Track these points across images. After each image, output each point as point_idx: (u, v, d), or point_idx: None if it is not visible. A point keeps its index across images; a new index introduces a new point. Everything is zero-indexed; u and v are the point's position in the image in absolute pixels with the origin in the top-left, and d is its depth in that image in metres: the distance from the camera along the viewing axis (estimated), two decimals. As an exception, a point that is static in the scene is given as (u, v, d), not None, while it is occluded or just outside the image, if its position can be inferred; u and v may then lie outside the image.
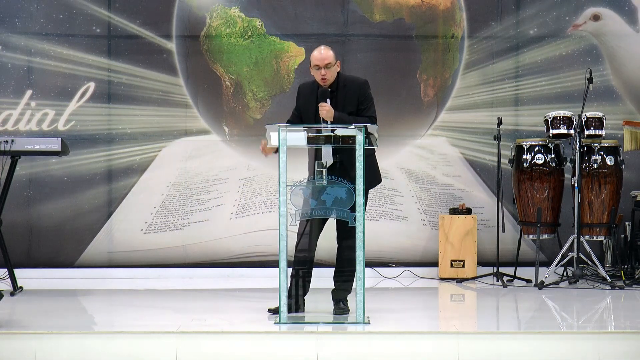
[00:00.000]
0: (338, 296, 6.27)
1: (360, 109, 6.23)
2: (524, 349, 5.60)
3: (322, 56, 6.22)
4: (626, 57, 8.60)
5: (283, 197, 5.94)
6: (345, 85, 6.27)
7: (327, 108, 6.12)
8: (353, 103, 6.23)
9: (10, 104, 8.43)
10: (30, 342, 5.59)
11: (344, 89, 6.26)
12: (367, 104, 6.26)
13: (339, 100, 6.22)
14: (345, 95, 6.24)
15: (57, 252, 8.41)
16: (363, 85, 6.29)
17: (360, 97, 6.25)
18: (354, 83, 6.30)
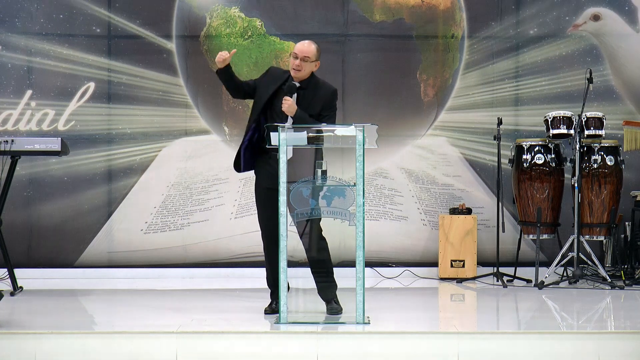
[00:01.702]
0: (326, 296, 6.26)
1: (322, 115, 6.22)
2: (524, 349, 5.60)
3: (304, 48, 6.26)
4: (626, 57, 8.60)
5: (283, 197, 5.94)
6: (315, 87, 6.27)
7: (289, 103, 6.15)
8: (316, 107, 6.22)
9: (10, 104, 8.43)
10: (30, 342, 5.59)
11: (313, 90, 6.26)
12: (329, 112, 6.25)
13: (304, 99, 6.23)
14: (312, 97, 6.24)
15: (57, 252, 8.41)
16: (332, 94, 6.29)
17: (325, 103, 6.24)
18: (324, 89, 6.29)
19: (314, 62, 6.29)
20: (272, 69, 6.50)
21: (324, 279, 6.29)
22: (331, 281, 6.29)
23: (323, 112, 6.23)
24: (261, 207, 6.35)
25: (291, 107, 6.15)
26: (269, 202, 6.21)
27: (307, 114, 6.18)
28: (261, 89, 6.36)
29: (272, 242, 6.20)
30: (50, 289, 7.73)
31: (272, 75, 6.41)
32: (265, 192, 6.30)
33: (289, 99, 6.16)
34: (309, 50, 6.27)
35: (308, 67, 6.27)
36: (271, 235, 6.23)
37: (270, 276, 6.39)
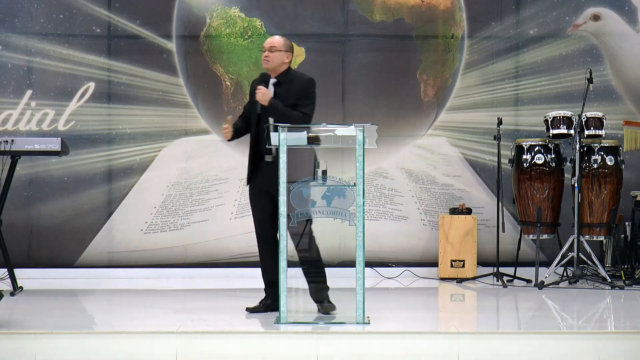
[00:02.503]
0: (318, 297, 6.27)
1: (298, 104, 6.23)
2: (524, 349, 5.60)
3: (271, 39, 6.33)
4: (626, 57, 8.60)
5: (283, 197, 5.94)
6: (292, 80, 6.29)
7: (262, 91, 6.18)
8: (293, 97, 6.24)
9: (10, 104, 8.43)
10: (30, 342, 5.59)
11: (289, 83, 6.28)
12: (305, 101, 6.26)
13: (281, 92, 6.25)
14: (288, 88, 6.26)
15: (57, 252, 8.41)
16: (307, 82, 6.32)
17: (301, 92, 6.25)
18: (299, 79, 6.32)
19: (283, 52, 6.28)
20: (253, 83, 6.47)
21: (316, 279, 6.28)
22: (323, 282, 6.29)
23: (298, 100, 6.24)
24: (252, 208, 6.38)
25: (265, 94, 6.18)
26: (259, 203, 6.27)
27: (284, 104, 6.19)
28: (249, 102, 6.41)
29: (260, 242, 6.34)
30: (50, 289, 7.73)
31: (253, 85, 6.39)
32: (256, 193, 6.31)
33: (262, 88, 6.20)
34: (274, 40, 6.32)
35: (277, 57, 6.27)
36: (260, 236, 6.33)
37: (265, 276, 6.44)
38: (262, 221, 6.32)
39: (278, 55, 6.28)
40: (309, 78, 6.35)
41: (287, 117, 6.15)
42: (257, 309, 6.37)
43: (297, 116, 6.18)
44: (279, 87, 6.29)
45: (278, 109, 6.17)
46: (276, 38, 6.35)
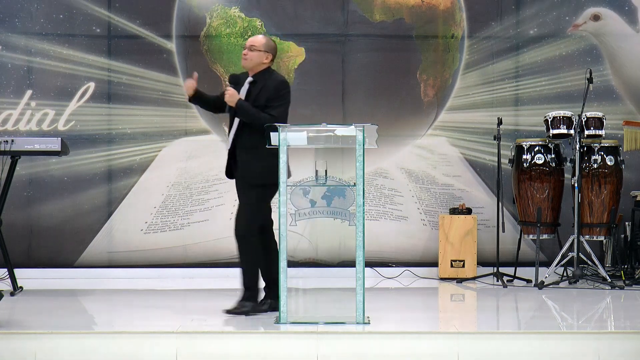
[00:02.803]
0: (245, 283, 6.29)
1: (268, 105, 6.20)
2: (524, 349, 5.60)
3: (252, 38, 6.34)
4: (626, 57, 8.60)
5: (283, 197, 5.94)
6: (266, 80, 6.26)
7: (230, 92, 6.19)
8: (263, 98, 6.21)
9: (10, 104, 8.43)
10: (30, 342, 5.59)
11: (262, 83, 6.25)
12: (275, 103, 6.21)
13: (252, 92, 6.24)
14: (261, 88, 6.24)
15: (57, 252, 8.41)
16: (279, 84, 6.26)
17: (272, 94, 6.21)
18: (273, 80, 6.28)
19: (263, 52, 6.27)
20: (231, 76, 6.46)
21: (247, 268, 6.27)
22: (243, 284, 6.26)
23: (268, 102, 6.20)
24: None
25: (232, 96, 6.18)
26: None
27: (256, 105, 6.18)
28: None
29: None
30: (50, 289, 7.73)
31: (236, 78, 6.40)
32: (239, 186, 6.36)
33: (230, 89, 6.21)
34: (256, 39, 6.32)
35: (256, 56, 6.26)
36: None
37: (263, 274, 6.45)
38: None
39: (257, 55, 6.27)
40: (281, 80, 6.31)
41: (254, 118, 6.15)
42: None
43: (264, 118, 6.13)
44: (254, 85, 6.27)
45: (245, 110, 6.16)
46: (258, 37, 6.34)
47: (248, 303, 6.25)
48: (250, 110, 6.18)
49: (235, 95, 6.20)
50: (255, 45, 6.28)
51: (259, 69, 6.31)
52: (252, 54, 6.27)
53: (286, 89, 6.30)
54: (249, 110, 6.18)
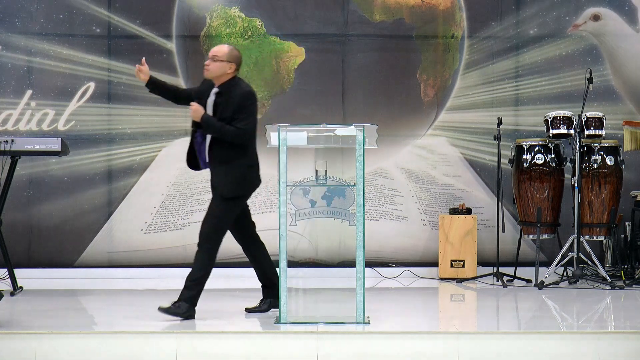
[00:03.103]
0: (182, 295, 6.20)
1: (234, 118, 6.10)
2: (524, 349, 5.60)
3: (216, 48, 6.22)
4: (626, 57, 8.60)
5: (283, 197, 5.94)
6: (232, 91, 6.15)
7: (194, 108, 6.11)
8: (229, 110, 6.11)
9: (10, 104, 8.43)
10: (30, 342, 5.59)
11: (229, 94, 6.15)
12: (241, 115, 6.10)
13: (222, 102, 6.15)
14: (227, 100, 6.14)
15: (57, 252, 8.41)
16: (244, 96, 6.15)
17: (237, 106, 6.10)
18: (238, 91, 6.15)
19: (225, 62, 6.15)
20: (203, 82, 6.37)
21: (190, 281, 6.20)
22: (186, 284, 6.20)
23: (235, 114, 6.10)
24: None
25: (196, 111, 6.10)
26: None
27: (223, 117, 6.09)
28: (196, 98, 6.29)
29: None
30: (50, 289, 7.73)
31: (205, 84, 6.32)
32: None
33: (193, 104, 6.11)
34: (218, 49, 6.20)
35: (218, 67, 6.15)
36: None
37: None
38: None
39: (219, 66, 6.15)
40: (246, 91, 6.18)
41: (220, 133, 6.08)
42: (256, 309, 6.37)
43: (231, 132, 6.07)
44: (220, 96, 6.17)
45: (211, 125, 6.09)
46: (221, 47, 6.21)
47: (184, 304, 6.14)
48: (215, 124, 6.08)
49: (200, 110, 6.10)
50: (218, 55, 6.16)
51: (224, 80, 6.19)
52: (214, 64, 6.15)
53: (251, 100, 6.18)
54: (215, 124, 6.09)
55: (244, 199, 6.30)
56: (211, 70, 6.18)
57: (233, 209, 6.25)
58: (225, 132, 6.08)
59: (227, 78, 6.20)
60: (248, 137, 6.15)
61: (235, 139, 6.10)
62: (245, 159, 6.18)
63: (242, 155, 6.16)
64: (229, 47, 6.24)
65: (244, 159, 6.17)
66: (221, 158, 6.16)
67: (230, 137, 6.09)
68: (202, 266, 6.20)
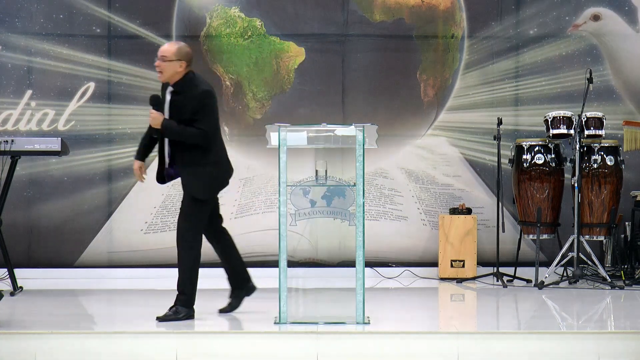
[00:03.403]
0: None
1: (194, 119, 5.98)
2: (524, 349, 5.60)
3: (162, 47, 6.09)
4: (626, 57, 8.60)
5: (283, 197, 5.94)
6: (189, 90, 6.02)
7: (153, 115, 6.00)
8: (188, 111, 5.99)
9: (10, 104, 8.43)
10: (30, 342, 5.59)
11: (185, 93, 6.03)
12: (201, 115, 5.98)
13: (176, 104, 6.04)
14: (183, 100, 6.02)
15: (57, 252, 8.41)
16: (202, 95, 6.01)
17: (196, 106, 5.98)
18: (195, 90, 6.02)
19: (175, 61, 6.00)
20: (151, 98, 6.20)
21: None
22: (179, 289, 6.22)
23: (194, 115, 5.98)
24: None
25: (155, 119, 5.99)
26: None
27: (182, 118, 5.98)
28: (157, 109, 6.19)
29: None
30: (50, 289, 7.73)
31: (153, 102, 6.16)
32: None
33: (152, 112, 6.01)
34: (165, 49, 6.05)
35: (169, 67, 6.01)
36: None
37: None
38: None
39: (170, 65, 6.01)
40: (203, 90, 6.04)
41: (183, 136, 5.99)
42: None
43: (194, 133, 5.98)
44: (175, 95, 6.05)
45: (171, 130, 5.99)
46: (166, 47, 6.06)
47: (182, 308, 6.14)
48: (176, 128, 5.98)
49: (159, 117, 5.99)
50: (167, 55, 6.01)
51: (177, 78, 6.04)
52: (164, 65, 6.01)
53: (210, 99, 6.06)
54: (175, 129, 5.98)
55: (215, 199, 6.28)
56: (163, 71, 6.03)
57: (205, 207, 6.20)
58: (187, 135, 5.98)
59: (180, 76, 6.04)
60: (210, 137, 6.04)
61: (198, 140, 5.99)
62: (212, 158, 6.09)
63: (208, 154, 6.07)
64: (175, 45, 6.08)
65: (210, 158, 6.09)
66: (187, 160, 6.07)
67: (193, 139, 5.99)
68: (187, 268, 6.18)
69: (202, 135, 6.00)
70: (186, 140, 6.01)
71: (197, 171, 6.07)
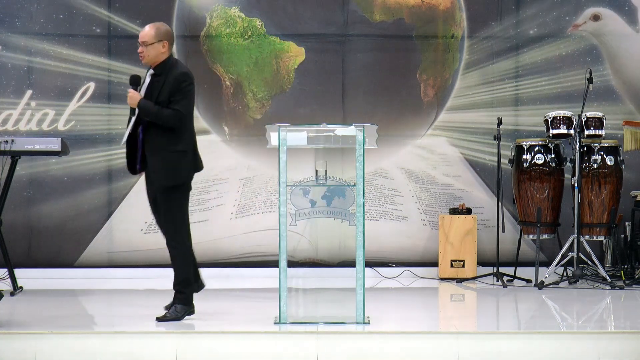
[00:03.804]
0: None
1: (171, 100, 6.05)
2: (524, 349, 5.60)
3: (141, 33, 6.13)
4: (626, 57, 8.60)
5: (283, 197, 5.94)
6: (169, 72, 6.09)
7: (130, 94, 6.07)
8: (165, 92, 6.06)
9: (10, 104, 8.43)
10: (30, 342, 5.59)
11: (166, 75, 6.09)
12: (178, 97, 6.05)
13: (156, 86, 6.10)
14: (163, 82, 6.08)
15: (57, 252, 8.41)
16: (179, 77, 6.07)
17: (173, 88, 6.05)
18: (174, 72, 6.10)
19: (157, 43, 6.08)
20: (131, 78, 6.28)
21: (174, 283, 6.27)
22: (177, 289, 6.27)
23: (172, 96, 6.05)
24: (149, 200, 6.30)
25: (132, 97, 6.06)
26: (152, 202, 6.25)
27: (160, 100, 6.04)
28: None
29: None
30: (50, 289, 7.73)
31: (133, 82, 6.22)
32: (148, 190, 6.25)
33: (130, 91, 6.08)
34: (145, 33, 6.11)
35: (152, 50, 6.09)
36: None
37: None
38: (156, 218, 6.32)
39: (152, 48, 6.08)
40: (182, 72, 6.12)
41: (158, 117, 6.02)
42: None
43: (168, 114, 6.02)
44: (155, 77, 6.12)
45: (147, 110, 6.02)
46: (147, 30, 6.11)
47: (180, 306, 6.17)
48: (152, 109, 6.02)
49: (136, 97, 6.05)
50: (147, 40, 6.08)
51: (160, 60, 6.11)
52: (147, 49, 6.09)
53: (187, 81, 6.11)
54: (151, 109, 6.02)
55: (185, 187, 6.20)
56: (147, 55, 6.10)
57: (181, 198, 6.18)
58: (162, 116, 6.01)
59: (163, 58, 6.11)
60: (185, 119, 6.08)
61: (173, 121, 6.03)
62: (180, 145, 6.10)
63: (176, 142, 6.08)
64: (153, 27, 6.13)
65: (178, 146, 6.10)
66: (156, 146, 6.07)
67: (167, 120, 6.02)
68: (182, 264, 6.25)
69: (177, 117, 6.04)
70: (160, 120, 6.03)
71: (162, 157, 6.07)
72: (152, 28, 6.12)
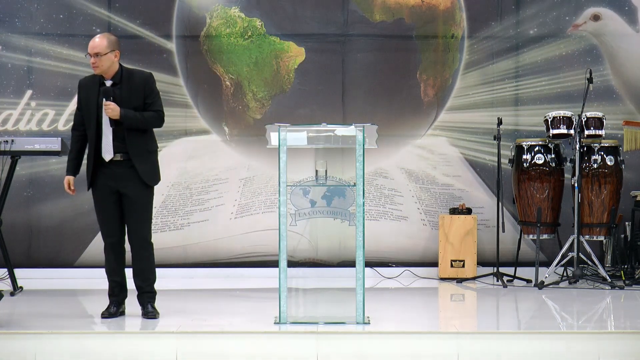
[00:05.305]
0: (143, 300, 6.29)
1: (147, 102, 6.14)
2: (524, 349, 5.61)
3: (92, 44, 6.11)
4: (626, 57, 8.60)
5: (283, 197, 5.94)
6: (129, 79, 6.14)
7: (111, 107, 6.05)
8: (139, 97, 6.13)
9: (10, 104, 8.43)
10: (30, 342, 5.59)
11: (128, 82, 6.14)
12: (153, 98, 6.16)
13: (123, 94, 6.12)
14: (130, 89, 6.13)
15: (57, 252, 8.41)
16: (148, 79, 6.18)
17: (146, 90, 6.14)
18: (138, 76, 6.17)
19: (110, 52, 6.09)
20: (82, 82, 6.31)
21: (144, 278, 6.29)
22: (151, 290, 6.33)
23: (147, 99, 6.15)
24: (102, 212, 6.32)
25: (114, 110, 6.05)
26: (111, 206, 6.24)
27: (132, 106, 6.08)
28: (84, 105, 6.26)
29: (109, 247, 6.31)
30: (50, 289, 7.73)
31: (85, 87, 6.26)
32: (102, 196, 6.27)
33: (109, 104, 6.06)
34: (96, 44, 6.10)
35: (106, 60, 6.09)
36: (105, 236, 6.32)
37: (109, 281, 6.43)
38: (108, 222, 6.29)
39: (106, 58, 6.08)
40: (148, 74, 6.23)
41: (143, 122, 6.10)
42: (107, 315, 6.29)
43: (153, 116, 6.14)
44: (117, 87, 6.14)
45: (131, 118, 6.06)
46: (98, 41, 6.09)
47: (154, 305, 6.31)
48: (136, 115, 6.08)
49: (116, 108, 6.04)
50: (101, 51, 6.06)
51: (115, 69, 6.14)
52: (99, 60, 6.08)
53: (154, 82, 6.23)
54: (135, 116, 6.08)
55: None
56: (101, 65, 6.10)
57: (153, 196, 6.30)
58: (147, 120, 6.13)
59: (116, 67, 6.15)
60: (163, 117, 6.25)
61: (158, 122, 6.20)
62: (154, 145, 6.28)
63: (152, 141, 6.24)
64: (104, 38, 6.13)
65: (154, 145, 6.27)
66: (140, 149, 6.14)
67: (153, 123, 6.17)
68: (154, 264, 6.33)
69: (160, 117, 6.21)
70: (147, 124, 6.15)
71: (149, 158, 6.20)
72: (104, 39, 6.13)
